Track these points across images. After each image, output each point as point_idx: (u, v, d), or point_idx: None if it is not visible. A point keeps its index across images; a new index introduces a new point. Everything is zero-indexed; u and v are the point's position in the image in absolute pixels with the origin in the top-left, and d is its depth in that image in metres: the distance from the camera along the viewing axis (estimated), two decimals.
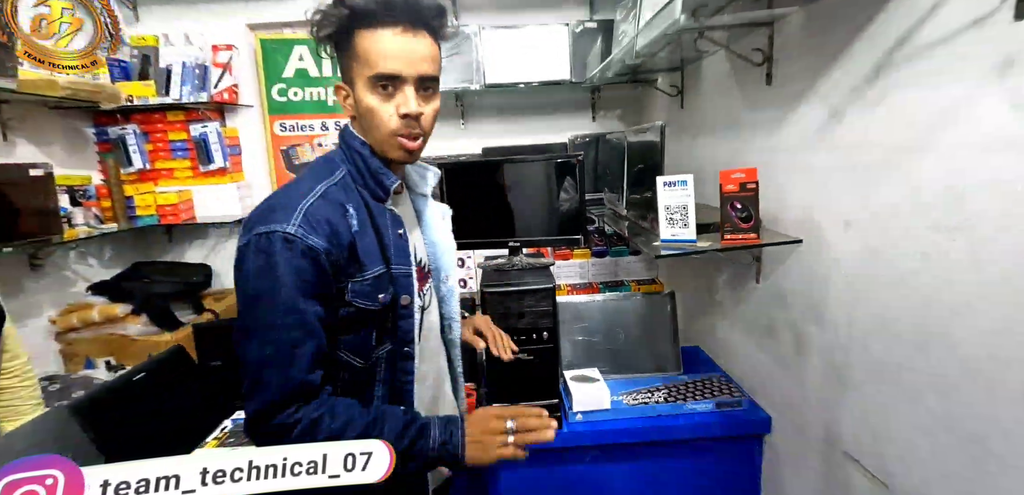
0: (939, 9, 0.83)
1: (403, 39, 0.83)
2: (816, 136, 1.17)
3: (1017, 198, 0.72)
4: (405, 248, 0.92)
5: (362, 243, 0.86)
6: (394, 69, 0.83)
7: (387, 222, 0.91)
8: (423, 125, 0.88)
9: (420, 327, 0.96)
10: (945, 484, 0.88)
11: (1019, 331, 0.73)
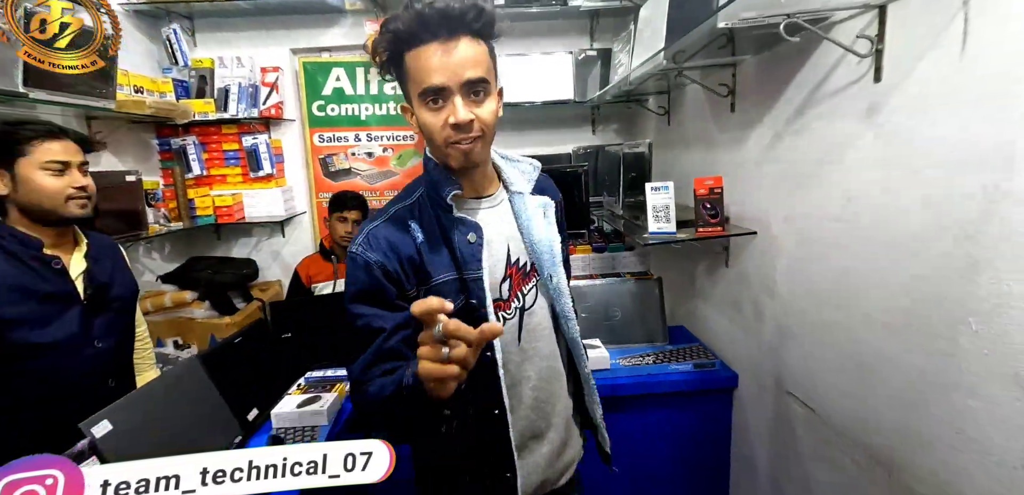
0: (833, 71, 1.21)
1: (443, 51, 0.84)
2: (765, 153, 1.54)
3: (881, 198, 1.10)
4: (476, 255, 0.94)
5: (429, 255, 0.93)
6: (438, 82, 0.84)
7: (458, 231, 0.94)
8: (480, 127, 0.88)
9: (520, 328, 1.00)
10: (847, 401, 1.25)
11: (889, 288, 1.10)
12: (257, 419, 1.60)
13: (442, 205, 0.94)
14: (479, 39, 0.87)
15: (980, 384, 0.89)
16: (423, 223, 0.96)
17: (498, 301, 0.98)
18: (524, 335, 1.01)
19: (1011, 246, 0.82)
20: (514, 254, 1.00)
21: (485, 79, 0.87)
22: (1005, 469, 0.85)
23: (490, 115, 0.89)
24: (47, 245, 1.37)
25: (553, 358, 1.06)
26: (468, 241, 0.94)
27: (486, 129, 0.90)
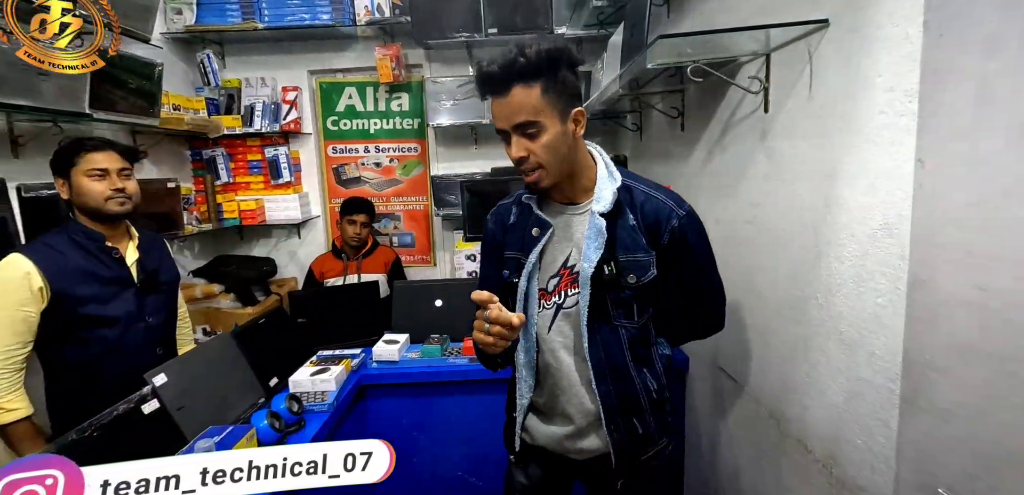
0: (741, 102, 1.50)
1: (498, 103, 1.02)
2: (702, 166, 1.83)
3: (770, 204, 1.38)
4: (533, 245, 1.13)
5: (511, 232, 1.19)
6: (500, 127, 1.05)
7: (531, 223, 1.15)
8: (535, 160, 1.04)
9: (553, 320, 1.15)
10: (754, 369, 1.53)
11: (775, 275, 1.38)
12: (277, 386, 1.92)
13: (524, 202, 1.18)
14: (532, 83, 1.00)
15: (821, 343, 1.17)
16: (519, 209, 1.20)
17: (543, 290, 1.15)
18: (554, 327, 1.15)
19: (837, 239, 1.11)
20: (573, 259, 1.12)
21: (534, 120, 1.01)
22: (833, 408, 1.14)
23: (543, 149, 1.03)
24: (107, 239, 1.70)
25: (573, 359, 1.15)
26: (532, 234, 1.14)
27: (542, 161, 1.04)
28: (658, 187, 1.17)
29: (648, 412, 1.17)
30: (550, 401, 1.20)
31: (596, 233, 1.08)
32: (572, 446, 1.19)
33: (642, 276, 1.11)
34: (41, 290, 1.52)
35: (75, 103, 2.02)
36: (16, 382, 1.53)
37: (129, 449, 1.37)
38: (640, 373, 1.16)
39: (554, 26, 2.91)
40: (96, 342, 1.64)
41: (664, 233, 1.12)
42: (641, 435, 1.17)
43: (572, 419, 1.18)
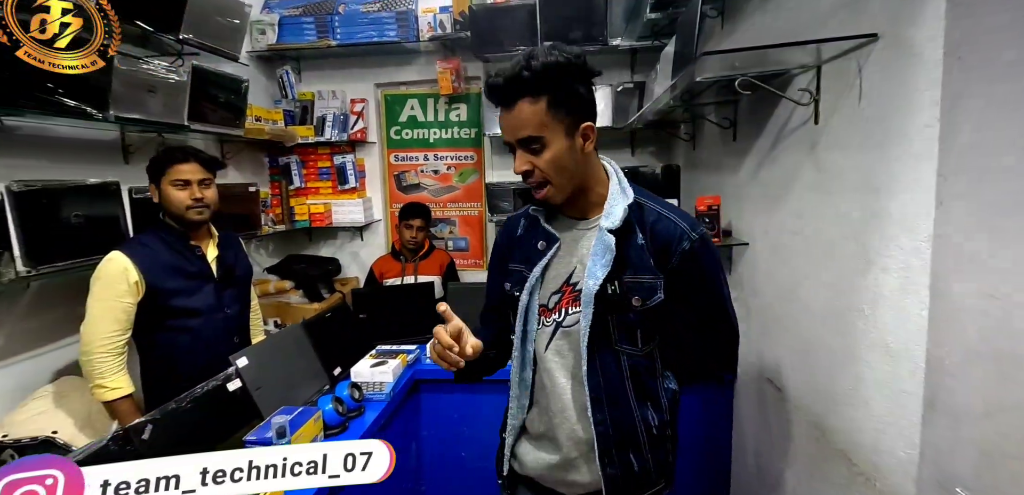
0: (791, 115, 1.51)
1: (504, 116, 1.01)
2: (752, 176, 1.84)
3: (818, 216, 1.39)
4: (536, 259, 1.09)
5: (519, 245, 1.16)
6: (508, 140, 1.03)
7: (537, 236, 1.12)
8: (540, 175, 1.01)
9: (551, 338, 1.09)
10: (798, 379, 1.52)
11: (819, 285, 1.38)
12: (340, 375, 2.08)
13: (531, 215, 1.16)
14: (538, 97, 0.96)
15: (866, 353, 1.17)
16: (528, 222, 1.17)
17: (543, 307, 1.10)
18: (552, 345, 1.09)
19: (884, 250, 1.11)
20: (576, 276, 1.07)
21: (537, 136, 0.98)
22: (877, 419, 1.13)
23: (547, 164, 1.00)
24: (192, 238, 1.90)
25: (568, 381, 1.09)
26: (538, 247, 1.10)
27: (547, 176, 1.01)
28: (673, 208, 1.11)
29: (646, 448, 1.09)
30: (541, 425, 1.14)
31: (603, 250, 1.03)
32: (561, 477, 1.12)
33: (648, 299, 1.04)
34: (137, 283, 1.73)
35: (176, 116, 2.29)
36: (119, 365, 1.75)
37: (215, 420, 1.56)
38: (641, 406, 1.09)
39: (609, 38, 2.97)
40: (182, 330, 1.85)
41: (674, 255, 1.05)
42: (637, 472, 1.09)
43: (561, 447, 1.11)
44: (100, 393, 1.71)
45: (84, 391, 1.91)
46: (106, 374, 1.71)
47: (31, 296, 1.92)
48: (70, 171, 2.02)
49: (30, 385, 1.91)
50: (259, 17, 3.15)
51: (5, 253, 1.63)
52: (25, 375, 1.91)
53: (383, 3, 3.21)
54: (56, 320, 2.01)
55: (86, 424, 1.83)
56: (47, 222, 1.76)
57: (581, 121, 1.02)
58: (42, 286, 1.93)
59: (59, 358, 2.03)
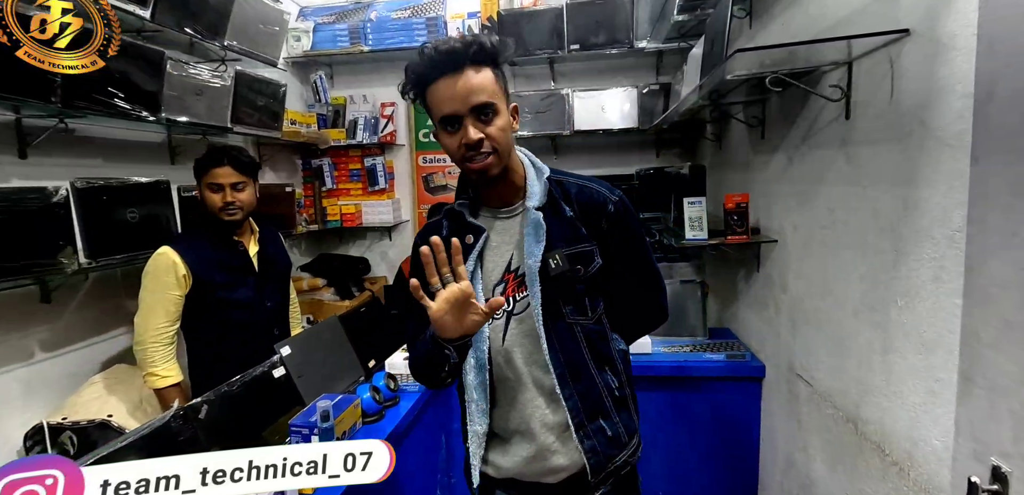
0: (822, 112, 1.53)
1: (451, 83, 0.96)
2: (782, 173, 1.85)
3: (850, 210, 1.40)
4: (468, 253, 1.05)
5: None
6: (451, 110, 0.97)
7: (464, 232, 1.08)
8: (490, 144, 0.98)
9: (505, 330, 1.08)
10: (830, 373, 1.53)
11: (852, 278, 1.40)
12: (374, 367, 2.16)
13: (456, 212, 1.12)
14: (484, 67, 0.98)
15: (899, 345, 1.18)
16: (450, 222, 1.13)
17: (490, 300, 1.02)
18: (507, 337, 1.09)
19: (917, 242, 1.13)
20: (515, 261, 1.08)
21: (491, 102, 0.98)
22: (911, 409, 1.14)
23: (499, 132, 0.99)
24: (235, 235, 2.00)
25: (532, 368, 1.09)
26: (467, 242, 1.07)
27: (497, 145, 1.00)
28: (590, 177, 1.16)
29: (612, 412, 1.12)
30: (509, 421, 1.12)
31: (535, 227, 1.05)
32: (542, 467, 1.11)
33: (589, 266, 1.09)
34: (185, 276, 1.83)
35: (220, 118, 2.40)
36: (169, 355, 1.84)
37: (262, 403, 1.64)
38: (601, 373, 1.12)
39: (635, 40, 3.01)
40: (226, 322, 1.94)
41: (603, 218, 1.10)
42: (611, 437, 1.11)
43: (535, 437, 1.10)
44: (152, 380, 1.81)
45: (135, 378, 2.02)
46: (157, 363, 1.80)
47: (88, 287, 2.04)
48: (122, 170, 2.14)
49: (85, 372, 2.03)
50: (295, 24, 3.27)
51: (68, 246, 1.73)
52: (81, 362, 2.03)
53: (413, 9, 3.30)
54: (109, 311, 2.13)
55: (137, 408, 1.93)
56: (106, 218, 1.87)
57: (510, 99, 1.07)
58: (97, 278, 2.05)
59: (112, 347, 2.15)
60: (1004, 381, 0.62)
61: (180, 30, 2.18)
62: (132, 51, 1.93)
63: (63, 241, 1.71)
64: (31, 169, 1.83)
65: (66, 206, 1.71)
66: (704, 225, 2.02)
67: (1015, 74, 0.62)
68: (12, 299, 1.75)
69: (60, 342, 1.97)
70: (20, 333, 1.83)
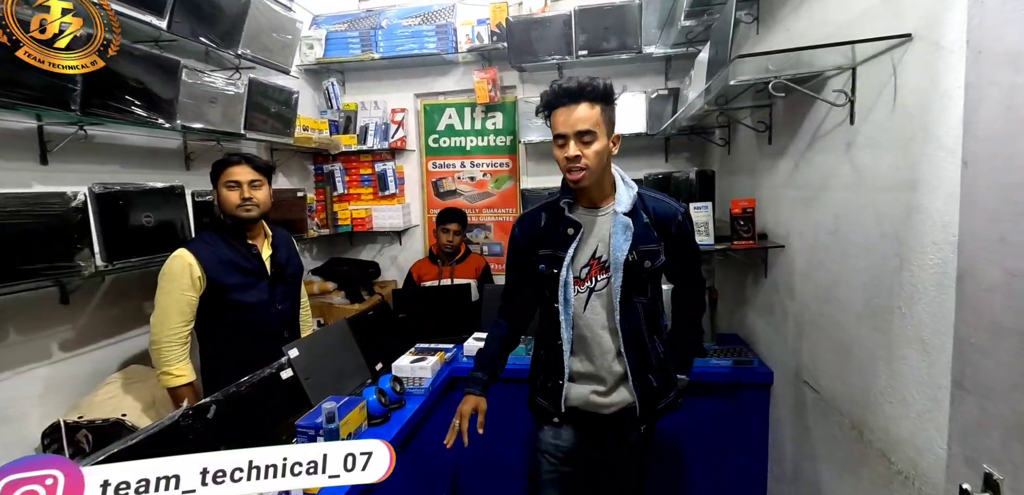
0: (827, 117, 1.52)
1: (566, 112, 1.31)
2: (788, 179, 1.84)
3: (852, 214, 1.39)
4: (567, 243, 1.41)
5: (544, 234, 1.47)
6: (561, 131, 1.33)
7: (563, 225, 1.43)
8: (585, 162, 1.31)
9: (587, 301, 1.43)
10: (835, 379, 1.52)
11: (856, 284, 1.39)
12: (381, 370, 2.18)
13: (558, 208, 1.47)
14: (594, 104, 1.32)
15: (903, 351, 1.17)
16: (550, 215, 1.49)
17: (577, 278, 1.44)
18: (588, 306, 1.44)
19: (920, 247, 1.12)
20: (599, 252, 1.42)
21: (592, 131, 1.31)
22: (916, 417, 1.13)
23: (594, 155, 1.32)
24: (249, 238, 2.04)
25: (604, 331, 1.44)
26: (567, 233, 1.43)
27: (590, 164, 1.33)
28: (665, 194, 1.50)
29: (657, 370, 1.47)
30: (584, 367, 1.48)
31: (623, 228, 1.39)
32: (602, 402, 1.47)
33: (655, 261, 1.42)
34: (199, 278, 1.87)
35: (233, 125, 2.46)
36: (183, 354, 1.88)
37: (270, 404, 1.67)
38: (652, 340, 1.45)
39: (644, 46, 3.01)
40: (238, 324, 1.97)
41: (672, 226, 1.44)
42: (656, 388, 1.47)
43: (604, 380, 1.46)
44: (166, 379, 1.85)
45: (148, 379, 2.07)
46: (172, 362, 1.84)
47: (104, 290, 2.10)
48: (138, 176, 2.20)
49: (102, 371, 2.08)
50: (308, 33, 3.33)
51: (86, 248, 1.79)
52: (97, 362, 2.09)
53: (423, 17, 3.34)
54: (124, 313, 2.19)
55: (150, 408, 1.98)
56: (122, 222, 1.92)
57: (614, 131, 1.40)
58: (113, 281, 2.11)
59: (127, 348, 2.20)
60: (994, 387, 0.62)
61: (195, 39, 2.24)
62: (149, 60, 1.99)
63: (81, 244, 1.76)
64: (51, 175, 1.89)
65: (84, 210, 1.76)
66: (710, 230, 2.01)
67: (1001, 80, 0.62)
68: (32, 300, 1.81)
69: (78, 342, 2.02)
70: (40, 333, 1.89)
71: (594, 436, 1.54)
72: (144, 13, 1.99)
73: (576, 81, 1.32)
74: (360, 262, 3.70)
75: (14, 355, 1.82)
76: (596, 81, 1.32)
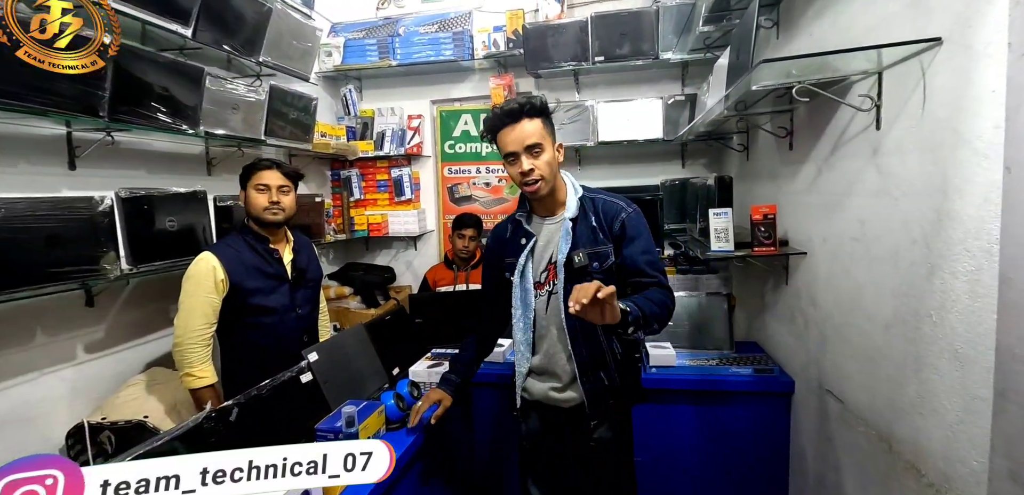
0: (851, 121, 1.50)
1: (510, 131, 1.43)
2: (811, 185, 1.82)
3: (881, 222, 1.37)
4: (521, 251, 1.54)
5: (509, 244, 1.59)
6: (511, 149, 1.44)
7: (520, 232, 1.57)
8: (538, 172, 1.43)
9: (547, 303, 1.54)
10: (861, 389, 1.49)
11: (883, 292, 1.36)
12: (398, 374, 2.18)
13: (516, 220, 1.60)
14: (535, 118, 1.44)
15: (934, 361, 1.14)
16: (513, 227, 1.62)
17: (537, 282, 1.56)
18: (549, 309, 1.55)
19: (951, 254, 1.09)
20: (555, 257, 1.52)
21: (539, 143, 1.43)
22: (948, 428, 1.10)
23: (545, 165, 1.44)
24: (271, 242, 2.06)
25: (558, 331, 1.54)
26: (520, 242, 1.56)
27: (543, 174, 1.44)
28: (616, 194, 1.56)
29: (613, 369, 1.53)
30: (543, 364, 1.59)
31: (565, 233, 1.49)
32: (558, 396, 1.58)
33: (603, 262, 1.48)
34: (222, 281, 1.89)
35: (254, 131, 2.49)
36: (205, 356, 1.91)
37: (290, 408, 1.68)
38: (608, 340, 1.51)
39: (660, 52, 3.00)
40: (258, 327, 1.99)
41: (616, 223, 1.50)
42: (607, 386, 1.53)
43: (559, 377, 1.57)
44: (189, 381, 1.87)
45: (170, 381, 2.09)
46: (194, 363, 1.87)
47: (128, 292, 2.13)
48: (162, 181, 2.23)
49: (125, 373, 2.11)
50: (327, 40, 3.37)
51: (111, 252, 1.82)
52: (122, 363, 2.12)
53: (440, 24, 3.36)
54: (147, 315, 2.22)
55: (172, 410, 2.01)
56: (147, 225, 1.96)
57: (556, 140, 1.51)
58: (137, 284, 2.15)
59: (150, 350, 2.24)
60: None
61: (219, 47, 2.28)
62: (174, 67, 2.03)
63: (107, 247, 1.79)
64: (79, 179, 1.93)
65: (110, 215, 1.80)
66: (730, 237, 1.99)
67: None
68: (59, 303, 1.85)
69: (103, 344, 2.06)
70: (66, 335, 1.93)
71: (555, 429, 1.64)
72: (171, 21, 2.03)
73: (516, 102, 1.43)
74: (376, 267, 3.72)
75: (41, 356, 1.85)
76: (533, 98, 1.44)
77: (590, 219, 1.50)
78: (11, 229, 1.55)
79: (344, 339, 2.10)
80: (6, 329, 1.74)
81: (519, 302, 1.57)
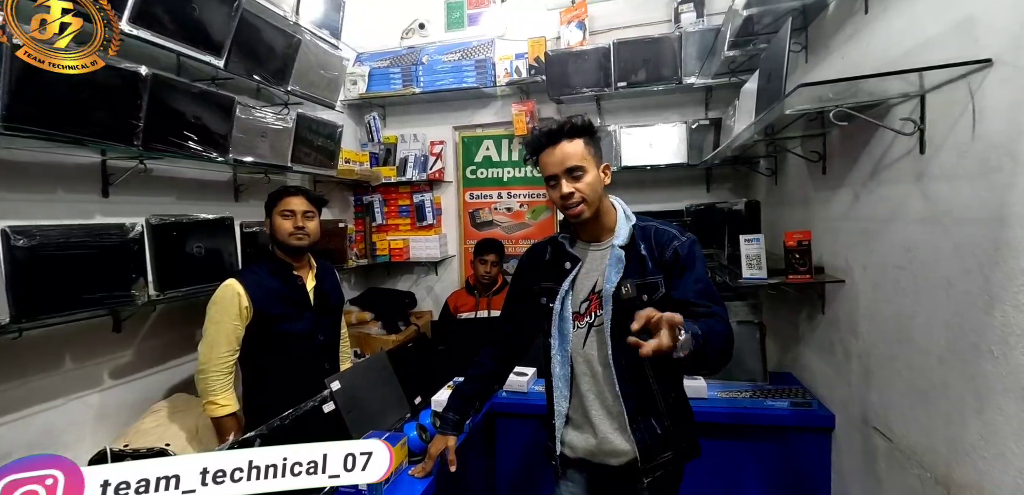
0: (892, 146, 1.44)
1: (552, 153, 1.33)
2: (847, 210, 1.75)
3: (930, 250, 1.30)
4: (565, 276, 1.40)
5: (548, 267, 1.46)
6: (552, 172, 1.34)
7: (563, 257, 1.43)
8: (578, 195, 1.32)
9: (586, 336, 1.39)
10: (912, 427, 1.40)
11: (935, 324, 1.29)
12: (420, 404, 2.15)
13: (559, 243, 1.47)
14: (576, 138, 1.33)
15: (998, 400, 1.07)
16: (554, 250, 1.49)
17: (577, 313, 1.41)
18: (587, 343, 1.40)
19: (1012, 285, 1.03)
20: (599, 286, 1.39)
21: (580, 165, 1.32)
22: (1018, 473, 1.02)
23: (587, 186, 1.32)
24: (294, 269, 2.06)
25: (602, 366, 1.37)
26: (565, 267, 1.43)
27: (585, 196, 1.33)
28: (672, 224, 1.43)
29: (664, 415, 1.37)
30: (581, 411, 1.42)
31: (616, 261, 1.35)
32: (604, 451, 1.39)
33: (653, 294, 1.33)
34: (247, 308, 1.89)
35: (281, 158, 2.52)
36: (228, 384, 1.90)
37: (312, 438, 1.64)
38: (660, 382, 1.37)
39: (684, 77, 2.97)
40: (281, 354, 1.98)
41: (668, 252, 1.35)
42: (660, 435, 1.36)
43: (598, 426, 1.39)
44: (211, 409, 1.86)
45: (192, 407, 2.09)
46: (218, 391, 1.85)
47: (154, 318, 2.15)
48: (191, 207, 2.26)
49: (149, 399, 2.12)
50: (352, 69, 3.43)
51: (141, 278, 1.84)
52: (148, 389, 2.12)
53: (462, 52, 3.40)
54: (172, 341, 2.23)
55: (193, 438, 1.99)
56: (175, 252, 1.98)
57: (602, 161, 1.39)
58: (164, 309, 2.16)
59: (173, 376, 2.24)
60: None
61: (249, 77, 2.33)
62: (206, 97, 2.07)
63: (136, 274, 1.81)
64: (112, 206, 1.96)
65: (140, 241, 1.82)
66: (763, 264, 1.93)
67: None
68: (88, 329, 1.87)
69: (128, 370, 2.07)
70: (93, 361, 1.94)
71: (600, 488, 1.47)
72: (204, 53, 2.08)
73: (556, 122, 1.35)
74: (397, 292, 3.71)
75: (69, 382, 1.87)
76: (574, 118, 1.34)
77: (639, 247, 1.37)
78: (46, 256, 1.57)
79: (367, 367, 2.07)
80: (36, 356, 1.76)
81: (557, 332, 1.41)
